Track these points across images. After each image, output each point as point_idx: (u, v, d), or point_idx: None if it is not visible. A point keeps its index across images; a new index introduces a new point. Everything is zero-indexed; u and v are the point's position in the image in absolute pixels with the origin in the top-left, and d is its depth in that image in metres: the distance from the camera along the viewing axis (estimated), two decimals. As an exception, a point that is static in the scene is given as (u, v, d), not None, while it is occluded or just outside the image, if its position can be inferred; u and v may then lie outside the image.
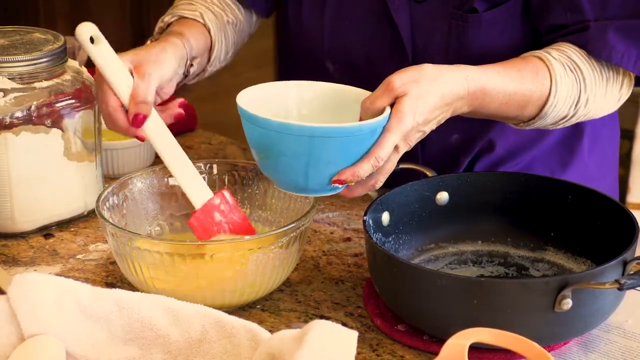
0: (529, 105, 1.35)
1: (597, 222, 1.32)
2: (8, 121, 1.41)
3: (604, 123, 1.65)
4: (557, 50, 1.38)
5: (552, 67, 1.35)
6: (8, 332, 1.11)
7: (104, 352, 1.11)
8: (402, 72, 1.25)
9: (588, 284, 1.15)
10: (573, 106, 1.37)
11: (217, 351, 1.10)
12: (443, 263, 1.38)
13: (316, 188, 1.25)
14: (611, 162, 1.70)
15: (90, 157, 1.50)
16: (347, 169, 1.22)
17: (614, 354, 1.22)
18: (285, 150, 1.22)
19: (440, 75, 1.26)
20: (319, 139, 1.20)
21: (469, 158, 1.56)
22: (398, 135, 1.23)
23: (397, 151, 1.25)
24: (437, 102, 1.25)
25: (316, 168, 1.22)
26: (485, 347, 1.18)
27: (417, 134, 1.26)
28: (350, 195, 1.27)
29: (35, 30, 1.50)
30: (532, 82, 1.34)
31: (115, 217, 1.36)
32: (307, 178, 1.23)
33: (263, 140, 1.24)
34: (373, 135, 1.22)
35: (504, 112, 1.34)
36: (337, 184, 1.23)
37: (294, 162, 1.22)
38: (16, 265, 1.41)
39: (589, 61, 1.37)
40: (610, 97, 1.41)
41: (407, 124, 1.23)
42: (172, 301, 1.12)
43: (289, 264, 1.30)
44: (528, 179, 1.38)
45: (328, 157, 1.21)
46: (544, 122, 1.38)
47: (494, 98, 1.31)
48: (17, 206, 1.45)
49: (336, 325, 1.04)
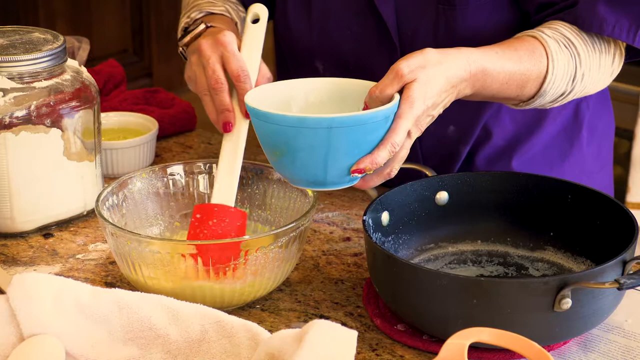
0: (528, 84, 1.36)
1: (596, 222, 1.32)
2: (8, 121, 1.41)
3: (600, 116, 1.66)
4: (550, 28, 1.39)
5: (547, 44, 1.36)
6: (7, 332, 1.11)
7: (104, 351, 1.11)
8: (408, 59, 1.26)
9: (587, 283, 1.15)
10: (570, 82, 1.38)
11: (217, 351, 1.10)
12: (443, 263, 1.38)
13: (335, 180, 1.25)
14: (607, 155, 1.71)
15: (89, 156, 1.50)
16: (366, 157, 1.22)
17: (614, 353, 1.22)
18: (303, 144, 1.21)
19: (445, 59, 1.27)
20: (336, 130, 1.20)
21: (468, 147, 1.56)
22: (410, 120, 1.24)
23: (409, 137, 1.26)
24: (444, 86, 1.27)
25: (335, 160, 1.22)
26: (485, 347, 1.18)
27: (427, 118, 1.27)
28: (367, 186, 1.27)
29: (35, 30, 1.50)
30: (529, 61, 1.35)
31: (114, 216, 1.36)
32: (325, 171, 1.23)
33: (279, 138, 1.23)
34: (387, 122, 1.23)
35: (505, 92, 1.35)
36: (357, 173, 1.22)
37: (312, 156, 1.22)
38: (16, 265, 1.41)
39: (581, 36, 1.38)
40: (604, 71, 1.42)
41: (419, 109, 1.24)
42: (172, 301, 1.12)
43: (288, 263, 1.30)
44: (528, 179, 1.38)
45: (345, 147, 1.21)
46: (543, 100, 1.39)
47: (495, 79, 1.32)
48: (16, 206, 1.45)
49: (336, 325, 1.04)
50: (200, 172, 1.44)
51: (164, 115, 1.78)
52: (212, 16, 1.51)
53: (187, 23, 1.53)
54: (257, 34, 1.38)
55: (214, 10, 1.52)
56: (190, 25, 1.51)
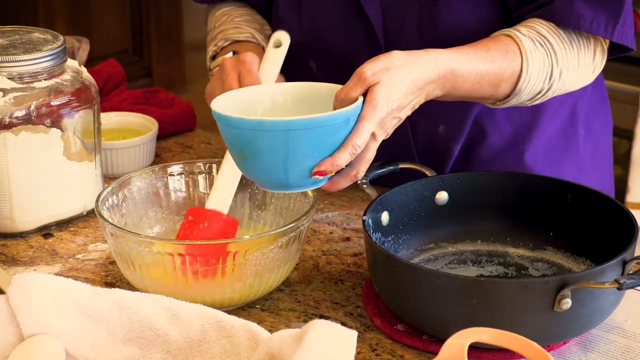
0: (502, 83, 1.36)
1: (596, 222, 1.32)
2: (7, 121, 1.41)
3: (597, 115, 1.66)
4: (526, 26, 1.39)
5: (522, 43, 1.36)
6: (7, 332, 1.11)
7: (104, 351, 1.11)
8: (372, 62, 1.26)
9: (587, 283, 1.15)
10: (547, 80, 1.38)
11: (217, 351, 1.10)
12: (442, 263, 1.38)
13: (298, 183, 1.24)
14: (606, 155, 1.71)
15: (89, 156, 1.50)
16: (326, 159, 1.22)
17: (614, 353, 1.22)
18: (262, 147, 1.22)
19: (410, 61, 1.27)
20: (294, 132, 1.20)
21: (459, 144, 1.56)
22: (373, 122, 1.23)
23: (374, 139, 1.25)
24: (409, 88, 1.27)
25: (295, 162, 1.22)
26: (484, 347, 1.18)
27: (393, 121, 1.27)
28: (334, 189, 1.27)
29: (35, 30, 1.50)
30: (502, 60, 1.35)
31: (114, 216, 1.36)
32: (287, 173, 1.23)
33: (240, 141, 1.24)
34: (347, 124, 1.23)
35: (478, 92, 1.35)
36: (318, 175, 1.22)
37: (272, 159, 1.22)
38: (15, 265, 1.41)
39: (558, 34, 1.38)
40: (583, 68, 1.41)
41: (382, 111, 1.24)
42: (172, 301, 1.12)
43: (288, 263, 1.30)
44: (528, 179, 1.38)
45: (305, 149, 1.21)
46: (520, 99, 1.39)
47: (466, 79, 1.32)
48: (16, 206, 1.45)
49: (336, 325, 1.04)
50: (200, 172, 1.44)
51: (164, 115, 1.78)
52: (238, 44, 1.53)
53: (215, 51, 1.56)
54: (277, 58, 1.41)
55: (239, 37, 1.55)
56: (218, 53, 1.55)
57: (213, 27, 1.60)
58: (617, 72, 2.62)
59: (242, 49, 1.51)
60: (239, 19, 1.58)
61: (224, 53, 1.53)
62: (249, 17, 1.59)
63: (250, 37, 1.55)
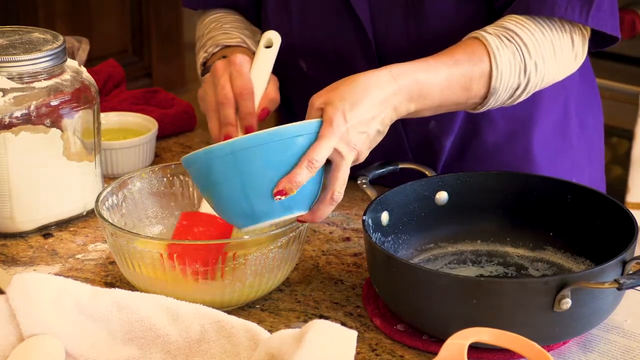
0: (473, 85, 1.35)
1: (596, 222, 1.32)
2: (7, 121, 1.41)
3: (590, 110, 1.67)
4: (494, 25, 1.39)
5: (487, 41, 1.36)
6: (7, 332, 1.11)
7: (103, 351, 1.11)
8: (320, 91, 1.27)
9: (587, 283, 1.15)
10: (522, 74, 1.37)
11: (217, 351, 1.10)
12: (442, 263, 1.38)
13: (264, 209, 1.22)
14: (598, 150, 1.71)
15: (89, 156, 1.50)
16: (283, 178, 1.21)
17: (614, 353, 1.22)
18: (219, 177, 1.21)
19: (360, 78, 1.27)
20: (241, 152, 1.20)
21: (451, 138, 1.56)
22: (332, 138, 1.23)
23: (341, 155, 1.24)
24: (366, 101, 1.26)
25: (252, 186, 1.21)
26: (484, 347, 1.18)
27: (360, 136, 1.25)
28: (317, 218, 1.26)
29: (35, 30, 1.50)
30: (468, 62, 1.34)
31: (114, 217, 1.36)
32: (249, 201, 1.21)
33: (200, 179, 1.24)
34: (300, 140, 1.21)
35: (452, 98, 1.34)
36: (279, 195, 1.21)
37: (230, 188, 1.21)
38: (15, 265, 1.41)
39: (526, 26, 1.38)
40: (562, 57, 1.41)
41: (339, 126, 1.23)
42: (172, 301, 1.12)
43: (288, 263, 1.30)
44: (528, 179, 1.38)
45: (257, 169, 1.20)
46: (499, 98, 1.38)
47: (432, 86, 1.31)
48: (16, 206, 1.45)
49: (335, 325, 1.04)
50: (200, 172, 1.43)
51: (164, 115, 1.78)
52: (229, 49, 1.53)
53: (205, 58, 1.55)
54: (268, 58, 1.41)
55: (230, 42, 1.55)
56: (208, 59, 1.54)
57: (202, 34, 1.60)
58: (617, 72, 2.62)
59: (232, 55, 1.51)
60: (228, 25, 1.58)
61: (214, 59, 1.52)
62: (239, 24, 1.59)
63: (240, 42, 1.54)
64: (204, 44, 1.57)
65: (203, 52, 1.56)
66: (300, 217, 1.25)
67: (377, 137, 1.28)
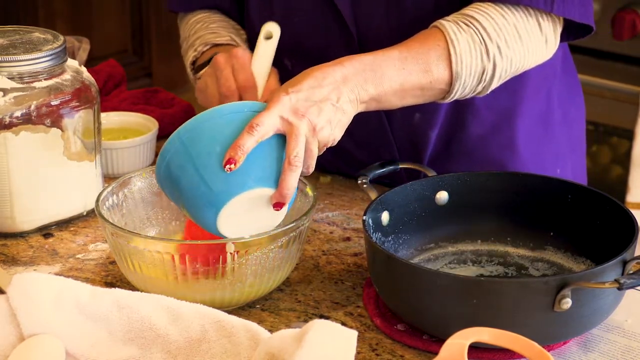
0: (431, 67, 1.35)
1: (596, 222, 1.32)
2: (7, 121, 1.41)
3: (571, 101, 1.68)
4: (453, 14, 1.40)
5: (444, 27, 1.37)
6: (8, 332, 1.11)
7: (104, 351, 1.11)
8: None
9: (587, 283, 1.15)
10: (485, 57, 1.37)
11: (217, 351, 1.10)
12: (442, 263, 1.38)
13: (224, 188, 1.22)
14: (579, 138, 1.72)
15: (89, 156, 1.50)
16: (230, 147, 1.22)
17: (614, 353, 1.22)
18: (177, 170, 1.23)
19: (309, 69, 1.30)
20: (187, 136, 1.23)
21: (436, 130, 1.56)
22: (275, 108, 1.24)
23: (291, 125, 1.24)
24: (310, 80, 1.27)
25: (205, 166, 1.22)
26: (485, 347, 1.18)
27: (306, 104, 1.26)
28: (283, 192, 1.24)
29: (35, 30, 1.50)
30: (422, 46, 1.35)
31: (114, 216, 1.36)
32: (206, 183, 1.22)
33: (167, 185, 1.26)
34: (238, 115, 1.23)
35: (413, 80, 1.34)
36: (228, 165, 1.21)
37: (188, 177, 1.22)
38: (16, 265, 1.41)
39: (486, 11, 1.38)
40: (529, 41, 1.41)
41: (280, 98, 1.25)
42: (172, 301, 1.13)
43: (288, 263, 1.30)
44: (528, 179, 1.38)
45: (205, 148, 1.22)
46: (466, 84, 1.38)
47: (385, 66, 1.32)
48: (16, 206, 1.45)
49: (336, 325, 1.04)
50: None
51: (164, 115, 1.78)
52: (219, 47, 1.53)
53: (195, 57, 1.55)
54: (268, 50, 1.41)
55: (220, 41, 1.55)
56: (198, 58, 1.55)
57: (187, 35, 1.60)
58: (617, 72, 2.62)
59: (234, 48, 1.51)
60: (214, 25, 1.58)
61: (204, 58, 1.52)
62: (225, 23, 1.59)
63: (230, 40, 1.55)
64: (192, 44, 1.57)
65: (192, 51, 1.56)
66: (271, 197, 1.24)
67: (337, 113, 1.28)
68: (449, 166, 1.57)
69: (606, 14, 2.55)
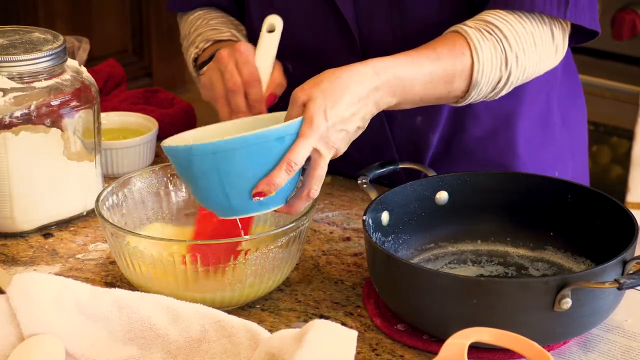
0: (455, 79, 1.35)
1: (596, 222, 1.32)
2: (7, 121, 1.41)
3: (572, 104, 1.67)
4: (474, 19, 1.39)
5: (469, 35, 1.36)
6: (7, 332, 1.11)
7: (104, 351, 1.11)
8: (303, 83, 1.27)
9: (587, 283, 1.15)
10: (503, 67, 1.38)
11: (217, 351, 1.10)
12: (442, 263, 1.38)
13: (242, 206, 1.23)
14: (581, 143, 1.72)
15: (89, 156, 1.50)
16: (263, 180, 1.21)
17: (614, 353, 1.22)
18: (197, 172, 1.22)
19: (343, 74, 1.27)
20: (222, 154, 1.20)
21: (437, 134, 1.56)
22: (312, 138, 1.23)
23: (320, 154, 1.24)
24: (348, 99, 1.26)
25: (231, 184, 1.21)
26: (485, 347, 1.18)
27: (338, 134, 1.25)
28: (293, 211, 1.27)
29: (35, 30, 1.50)
30: (450, 56, 1.35)
31: (114, 216, 1.36)
32: (227, 197, 1.22)
33: (181, 169, 1.25)
34: (281, 142, 1.21)
35: (434, 93, 1.34)
36: (258, 196, 1.22)
37: (209, 183, 1.22)
38: (16, 265, 1.41)
39: (507, 19, 1.38)
40: (543, 50, 1.41)
41: (319, 126, 1.23)
42: (172, 301, 1.13)
43: (288, 263, 1.30)
44: (528, 179, 1.38)
45: (237, 170, 1.21)
46: (481, 91, 1.38)
47: (414, 81, 1.32)
48: (16, 206, 1.45)
49: (336, 325, 1.04)
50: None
51: (164, 115, 1.78)
52: (220, 43, 1.53)
53: (197, 54, 1.55)
54: (271, 43, 1.41)
55: (221, 37, 1.55)
56: (200, 55, 1.54)
57: (188, 32, 1.60)
58: (617, 72, 2.62)
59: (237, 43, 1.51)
60: (214, 21, 1.58)
61: (206, 55, 1.52)
62: (225, 19, 1.59)
63: (231, 35, 1.54)
64: (193, 41, 1.57)
65: (193, 48, 1.56)
66: (277, 209, 1.26)
67: (356, 133, 1.29)
68: (449, 168, 1.57)
69: (606, 14, 2.55)
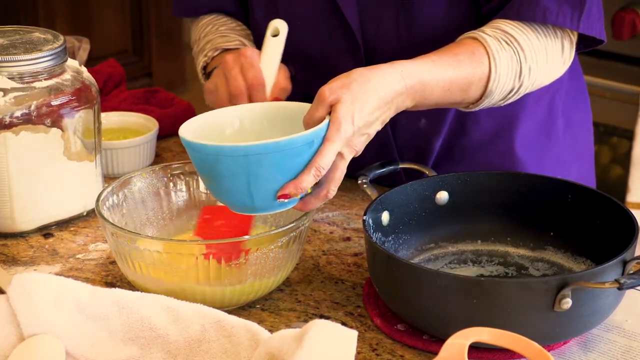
0: (471, 87, 1.36)
1: (596, 222, 1.32)
2: (8, 121, 1.41)
3: (576, 107, 1.67)
4: (491, 27, 1.39)
5: (488, 44, 1.36)
6: (8, 332, 1.11)
7: (104, 351, 1.11)
8: (332, 81, 1.26)
9: (588, 283, 1.15)
10: (517, 78, 1.38)
11: (217, 351, 1.10)
12: (443, 263, 1.38)
13: (264, 206, 1.24)
14: (586, 147, 1.72)
15: (89, 156, 1.50)
16: (290, 183, 1.22)
17: (614, 353, 1.22)
18: (225, 172, 1.21)
19: (373, 77, 1.27)
20: (254, 157, 1.19)
21: (440, 139, 1.56)
22: (338, 143, 1.23)
23: (342, 158, 1.25)
24: (375, 103, 1.26)
25: (258, 186, 1.21)
26: (485, 347, 1.18)
27: (361, 138, 1.26)
28: (306, 209, 1.27)
29: (35, 30, 1.50)
30: (470, 64, 1.35)
31: (114, 216, 1.36)
32: (252, 197, 1.22)
33: (204, 165, 1.24)
34: (310, 146, 1.21)
35: (449, 98, 1.35)
36: (283, 199, 1.22)
37: (235, 183, 1.22)
38: (16, 265, 1.41)
39: (524, 31, 1.38)
40: (552, 62, 1.41)
41: (347, 131, 1.23)
42: (172, 301, 1.13)
43: (288, 263, 1.30)
44: (528, 179, 1.38)
45: (267, 173, 1.21)
46: (492, 100, 1.39)
47: (435, 87, 1.32)
48: (16, 206, 1.45)
49: (336, 325, 1.04)
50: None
51: (164, 115, 1.78)
52: (228, 52, 1.53)
53: (206, 62, 1.56)
54: (276, 47, 1.41)
55: (229, 45, 1.55)
56: (209, 63, 1.55)
57: (198, 37, 1.60)
58: (617, 72, 2.62)
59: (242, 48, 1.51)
60: (223, 27, 1.58)
61: (214, 63, 1.52)
62: (234, 25, 1.59)
63: (239, 44, 1.55)
64: (203, 48, 1.57)
65: (202, 56, 1.56)
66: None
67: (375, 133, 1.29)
68: (450, 170, 1.57)
69: (606, 14, 2.53)
